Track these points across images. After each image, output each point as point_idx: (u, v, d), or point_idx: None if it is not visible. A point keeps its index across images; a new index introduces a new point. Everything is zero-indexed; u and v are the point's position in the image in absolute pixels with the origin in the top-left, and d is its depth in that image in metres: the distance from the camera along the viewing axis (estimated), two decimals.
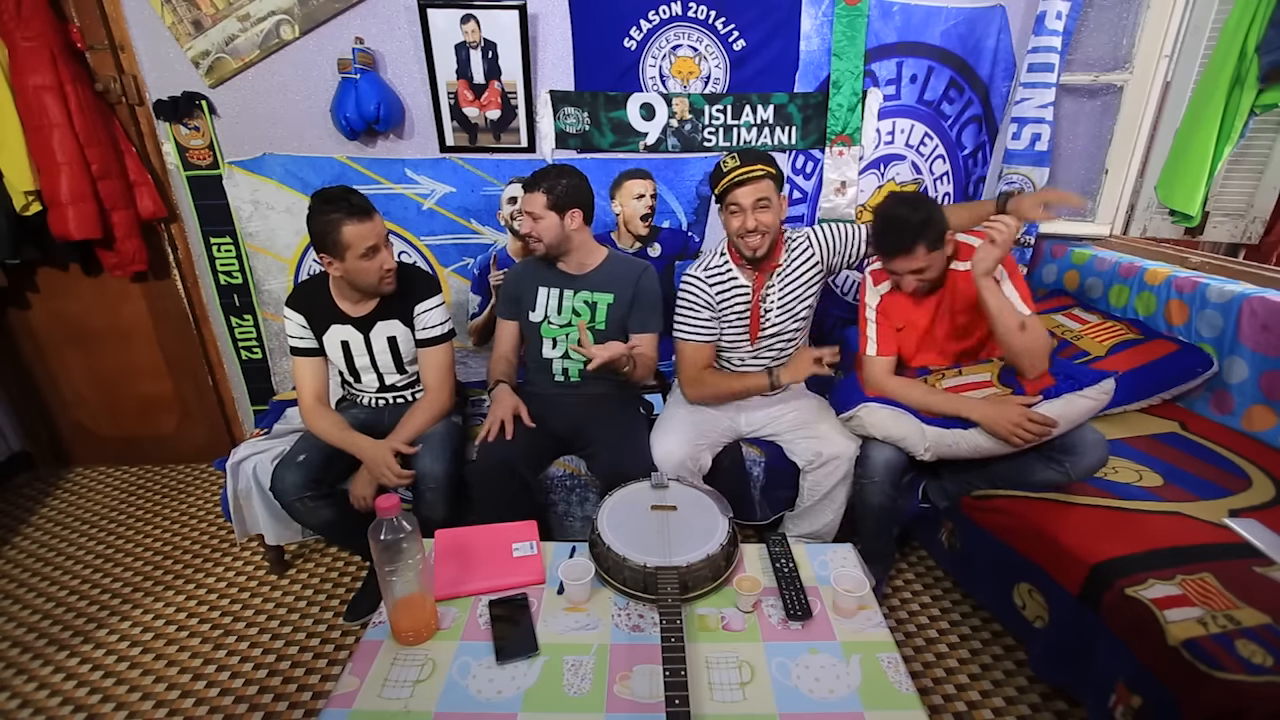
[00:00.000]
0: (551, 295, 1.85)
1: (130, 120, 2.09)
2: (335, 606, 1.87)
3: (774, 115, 2.20)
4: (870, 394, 1.73)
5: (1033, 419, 1.49)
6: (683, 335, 1.83)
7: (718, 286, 1.79)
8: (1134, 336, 1.99)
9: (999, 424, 1.53)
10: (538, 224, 1.73)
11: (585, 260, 1.84)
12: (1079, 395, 1.54)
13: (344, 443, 1.67)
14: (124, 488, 2.49)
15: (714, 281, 1.79)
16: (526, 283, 1.88)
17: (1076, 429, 1.55)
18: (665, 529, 1.34)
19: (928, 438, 1.63)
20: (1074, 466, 1.55)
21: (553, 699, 1.06)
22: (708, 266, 1.81)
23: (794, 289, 1.80)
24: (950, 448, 1.63)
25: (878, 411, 1.68)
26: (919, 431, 1.64)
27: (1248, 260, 2.21)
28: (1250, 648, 1.09)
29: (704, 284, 1.79)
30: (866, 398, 1.72)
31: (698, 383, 1.83)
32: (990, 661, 1.66)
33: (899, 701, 1.05)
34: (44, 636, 1.78)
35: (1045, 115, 2.21)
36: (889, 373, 1.76)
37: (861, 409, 1.70)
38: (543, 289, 1.85)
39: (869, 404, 1.70)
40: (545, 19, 2.02)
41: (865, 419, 1.70)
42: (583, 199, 1.76)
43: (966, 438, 1.60)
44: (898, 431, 1.66)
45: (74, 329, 2.37)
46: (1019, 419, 1.50)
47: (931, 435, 1.63)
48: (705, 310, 1.79)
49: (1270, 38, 1.85)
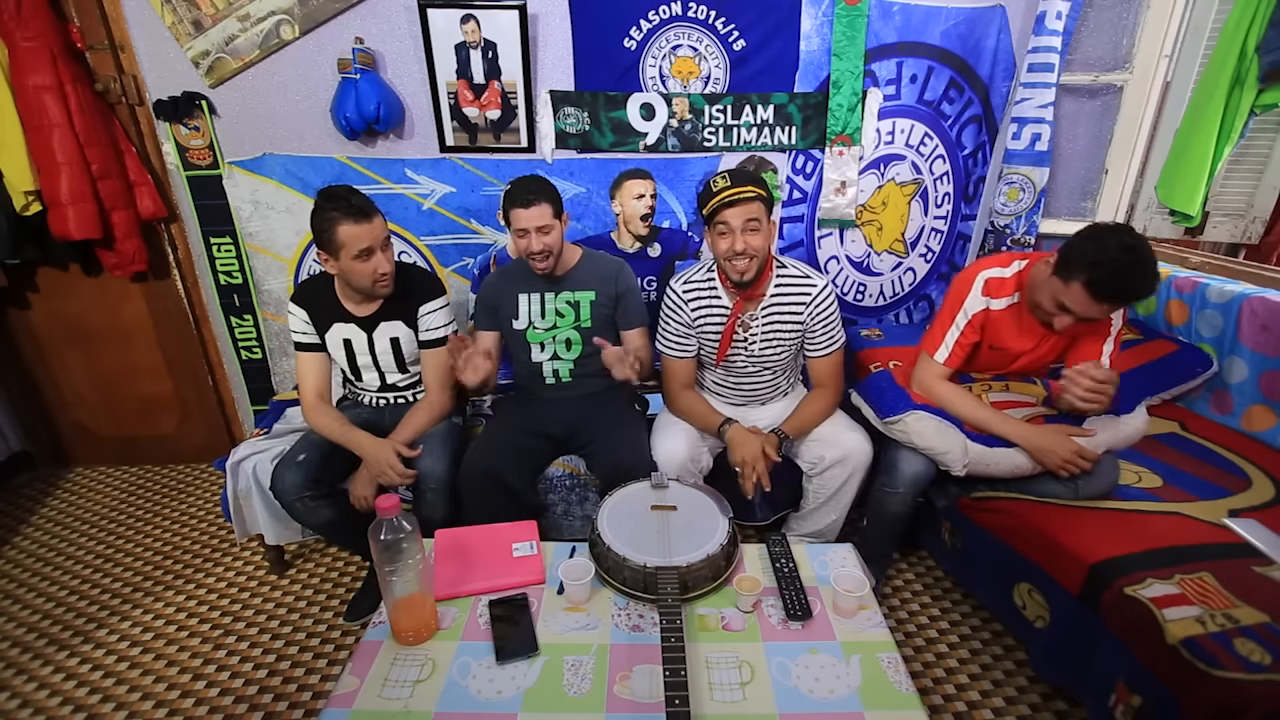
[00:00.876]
0: (533, 300, 1.83)
1: (130, 120, 2.09)
2: (335, 606, 1.87)
3: (774, 115, 2.20)
4: (916, 396, 1.67)
5: (1083, 454, 1.48)
6: (660, 347, 1.83)
7: (695, 303, 1.75)
8: (1134, 336, 1.99)
9: (1049, 457, 1.51)
10: (549, 236, 1.69)
11: (565, 261, 1.82)
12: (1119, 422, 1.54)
13: (345, 439, 1.67)
14: (124, 488, 2.49)
15: (691, 297, 1.75)
16: (505, 292, 1.84)
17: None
18: (665, 529, 1.34)
19: (969, 454, 1.58)
20: (1084, 486, 1.54)
21: (553, 699, 1.06)
22: (689, 280, 1.75)
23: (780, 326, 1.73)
24: (988, 466, 1.59)
25: (926, 421, 1.60)
26: (962, 447, 1.57)
27: (1248, 260, 2.21)
28: (1249, 646, 1.09)
29: (681, 299, 1.75)
30: (914, 404, 1.64)
31: (674, 398, 1.82)
32: (990, 661, 1.66)
33: (899, 701, 1.05)
34: (44, 636, 1.78)
35: (1045, 115, 2.21)
36: (943, 380, 1.69)
37: (910, 415, 1.62)
38: (523, 295, 1.83)
39: (918, 411, 1.62)
40: (545, 19, 2.02)
41: (911, 426, 1.61)
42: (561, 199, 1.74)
43: (1008, 457, 1.56)
44: (941, 445, 1.58)
45: (74, 329, 2.37)
46: (1070, 456, 1.48)
47: (974, 452, 1.58)
48: (680, 325, 1.77)
49: (1270, 38, 1.86)
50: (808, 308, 1.71)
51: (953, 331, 1.66)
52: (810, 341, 1.76)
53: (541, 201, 1.65)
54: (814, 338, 1.74)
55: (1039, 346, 1.63)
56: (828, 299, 1.71)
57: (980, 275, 1.63)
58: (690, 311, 1.75)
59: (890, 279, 2.54)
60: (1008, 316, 1.62)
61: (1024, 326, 1.62)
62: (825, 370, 1.77)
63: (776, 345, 1.76)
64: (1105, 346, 1.58)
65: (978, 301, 1.63)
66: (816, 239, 2.41)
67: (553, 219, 1.68)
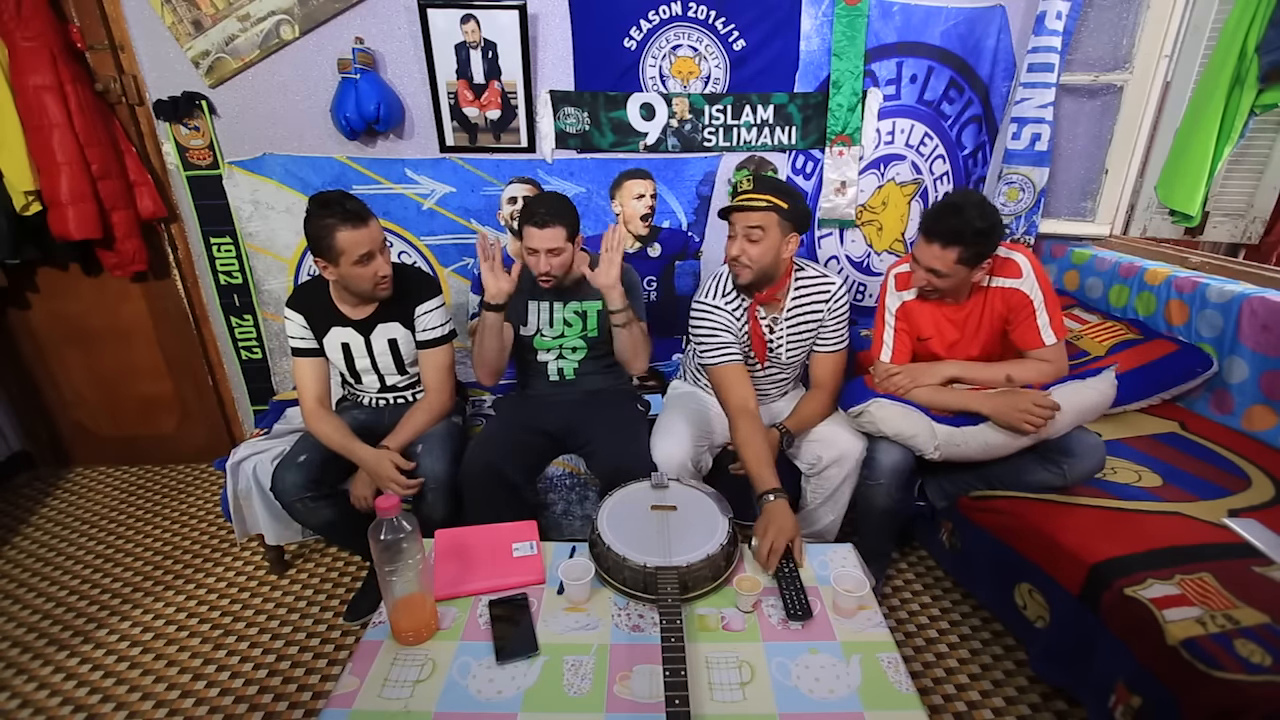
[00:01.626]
0: (542, 309, 1.84)
1: (130, 120, 2.09)
2: (335, 606, 1.87)
3: (774, 115, 2.20)
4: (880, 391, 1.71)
5: (1039, 403, 1.50)
6: (704, 360, 1.72)
7: (737, 312, 1.72)
8: (1134, 336, 1.99)
9: (1008, 413, 1.54)
10: (559, 258, 1.67)
11: (573, 270, 1.81)
12: (1083, 384, 1.56)
13: (346, 450, 1.66)
14: (124, 488, 2.49)
15: (730, 305, 1.72)
16: (515, 297, 1.82)
17: (1076, 430, 1.55)
18: (665, 529, 1.34)
19: (937, 436, 1.62)
20: (1071, 469, 1.55)
21: (553, 699, 1.06)
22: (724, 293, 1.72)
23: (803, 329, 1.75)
24: (959, 447, 1.62)
25: (888, 408, 1.66)
26: (929, 429, 1.62)
27: (1248, 260, 2.21)
28: (1249, 647, 1.09)
29: (722, 310, 1.70)
30: (876, 393, 1.70)
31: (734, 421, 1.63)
32: (990, 661, 1.66)
33: (899, 701, 1.05)
34: (44, 636, 1.78)
35: (1045, 115, 2.21)
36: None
37: (871, 404, 1.67)
38: (533, 303, 1.84)
39: (879, 399, 1.67)
40: (545, 19, 2.02)
41: (875, 414, 1.66)
42: (579, 221, 1.73)
43: (976, 435, 1.60)
44: (908, 429, 1.63)
45: (74, 329, 2.37)
46: (1026, 405, 1.51)
47: (941, 434, 1.62)
48: (719, 328, 1.70)
49: (1270, 38, 1.86)
50: (827, 304, 1.74)
51: (888, 331, 1.78)
52: (821, 338, 1.77)
53: (556, 224, 1.64)
54: (825, 333, 1.76)
55: (969, 331, 1.71)
56: (843, 297, 1.75)
57: (891, 273, 1.78)
58: (735, 319, 1.71)
59: None
60: (922, 306, 1.73)
61: (940, 312, 1.72)
62: (827, 369, 1.78)
63: (798, 348, 1.78)
64: (1039, 321, 1.63)
65: (894, 298, 1.76)
66: (816, 239, 2.41)
67: (565, 242, 1.67)
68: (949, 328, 1.72)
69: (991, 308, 1.67)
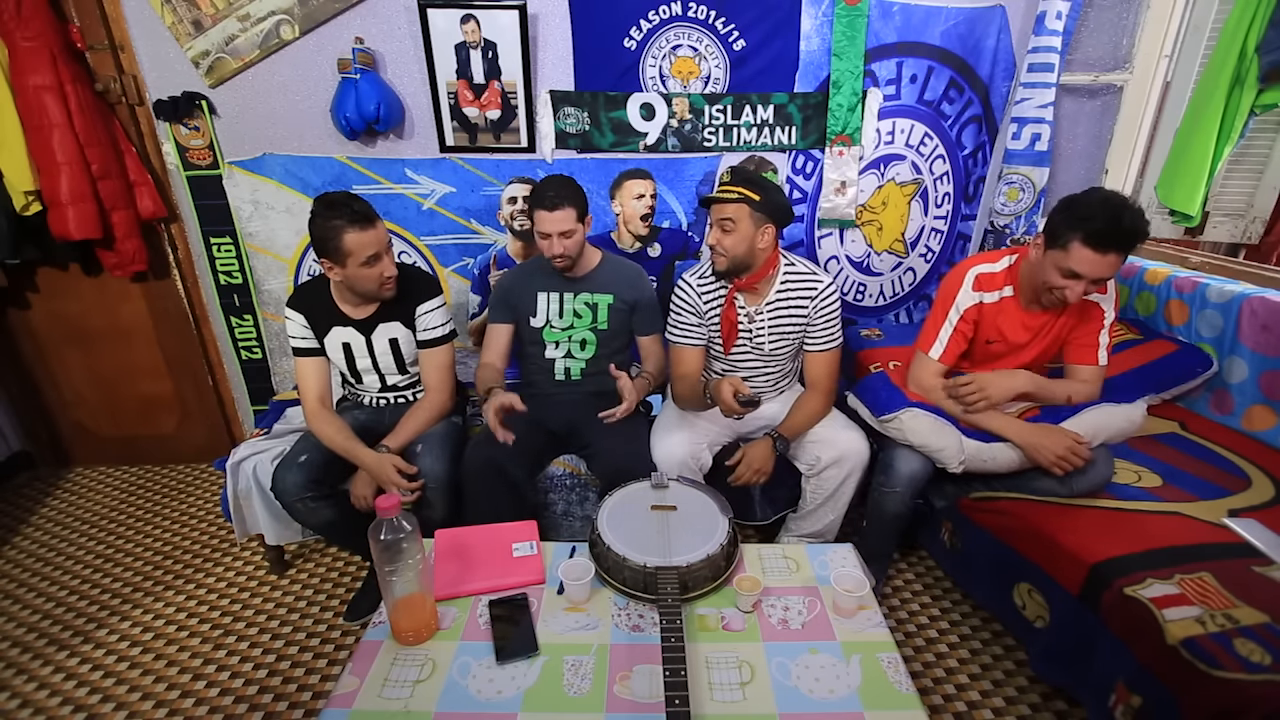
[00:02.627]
0: (552, 299, 1.85)
1: (130, 120, 2.09)
2: (335, 606, 1.87)
3: (774, 115, 2.20)
4: (911, 395, 1.68)
5: (1077, 452, 1.49)
6: (669, 337, 1.82)
7: (707, 295, 1.77)
8: (1134, 336, 1.99)
9: (1043, 452, 1.52)
10: (570, 240, 1.69)
11: (585, 262, 1.84)
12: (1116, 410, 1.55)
13: (347, 453, 1.66)
14: (124, 488, 2.49)
15: (704, 289, 1.77)
16: (524, 288, 1.86)
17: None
18: (665, 529, 1.34)
19: (965, 451, 1.59)
20: (1077, 482, 1.54)
21: (553, 699, 1.06)
22: (703, 276, 1.78)
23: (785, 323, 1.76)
24: (985, 463, 1.60)
25: (921, 418, 1.61)
26: (958, 444, 1.59)
27: (1248, 260, 2.21)
28: (1249, 646, 1.09)
29: (694, 290, 1.77)
30: (909, 401, 1.65)
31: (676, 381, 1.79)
32: (990, 661, 1.66)
33: (899, 701, 1.05)
34: (44, 636, 1.78)
35: (1045, 115, 2.21)
36: (939, 377, 1.69)
37: (905, 413, 1.62)
38: (542, 294, 1.85)
39: (913, 409, 1.62)
40: (545, 19, 2.02)
41: (906, 424, 1.61)
42: (587, 202, 1.76)
43: (1003, 452, 1.58)
44: (937, 442, 1.59)
45: (74, 329, 2.37)
46: (1063, 453, 1.49)
47: (970, 449, 1.59)
48: (691, 315, 1.77)
49: (1270, 38, 1.86)
50: (812, 302, 1.73)
51: (946, 328, 1.67)
52: (809, 336, 1.77)
53: (566, 205, 1.66)
54: (814, 332, 1.76)
55: (1039, 338, 1.65)
56: (831, 296, 1.73)
57: (971, 271, 1.66)
58: (703, 302, 1.77)
59: (890, 279, 2.54)
60: (1003, 309, 1.65)
61: (1021, 318, 1.64)
62: (820, 368, 1.78)
63: (781, 341, 1.77)
64: (1101, 339, 1.61)
65: (969, 297, 1.65)
66: (816, 239, 2.41)
67: (575, 223, 1.69)
68: (1022, 332, 1.65)
69: (1069, 315, 1.61)
